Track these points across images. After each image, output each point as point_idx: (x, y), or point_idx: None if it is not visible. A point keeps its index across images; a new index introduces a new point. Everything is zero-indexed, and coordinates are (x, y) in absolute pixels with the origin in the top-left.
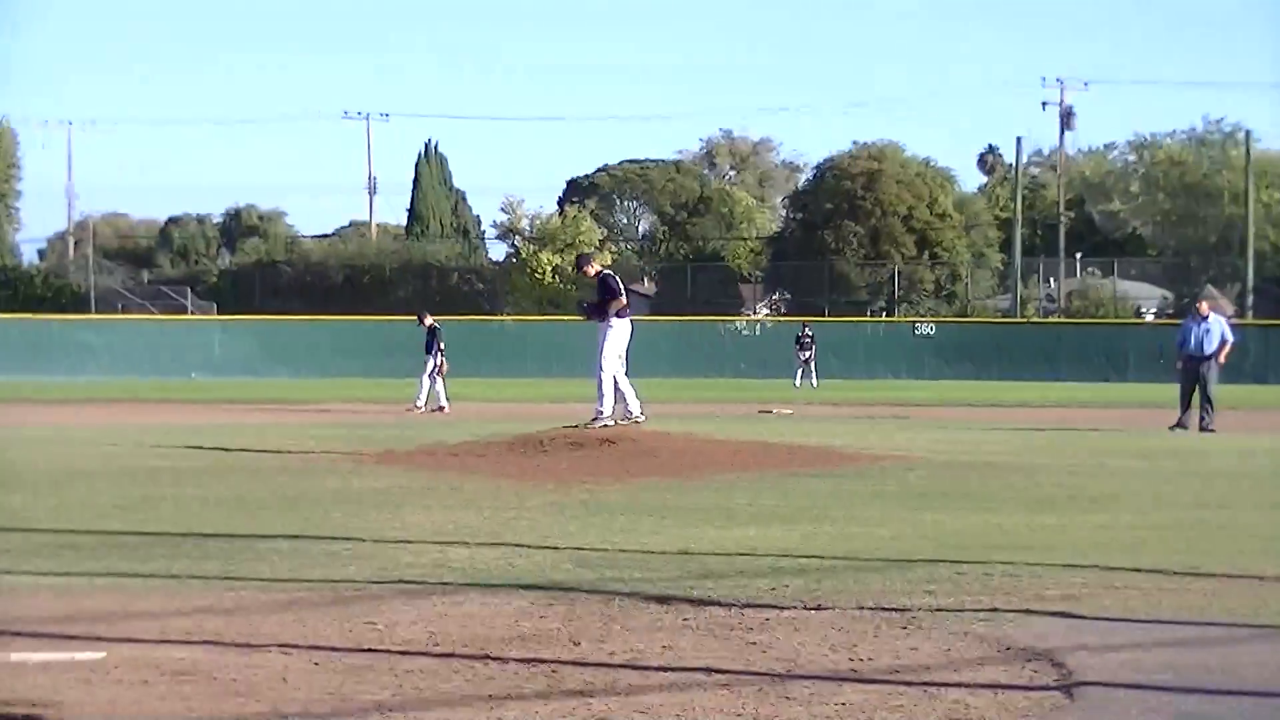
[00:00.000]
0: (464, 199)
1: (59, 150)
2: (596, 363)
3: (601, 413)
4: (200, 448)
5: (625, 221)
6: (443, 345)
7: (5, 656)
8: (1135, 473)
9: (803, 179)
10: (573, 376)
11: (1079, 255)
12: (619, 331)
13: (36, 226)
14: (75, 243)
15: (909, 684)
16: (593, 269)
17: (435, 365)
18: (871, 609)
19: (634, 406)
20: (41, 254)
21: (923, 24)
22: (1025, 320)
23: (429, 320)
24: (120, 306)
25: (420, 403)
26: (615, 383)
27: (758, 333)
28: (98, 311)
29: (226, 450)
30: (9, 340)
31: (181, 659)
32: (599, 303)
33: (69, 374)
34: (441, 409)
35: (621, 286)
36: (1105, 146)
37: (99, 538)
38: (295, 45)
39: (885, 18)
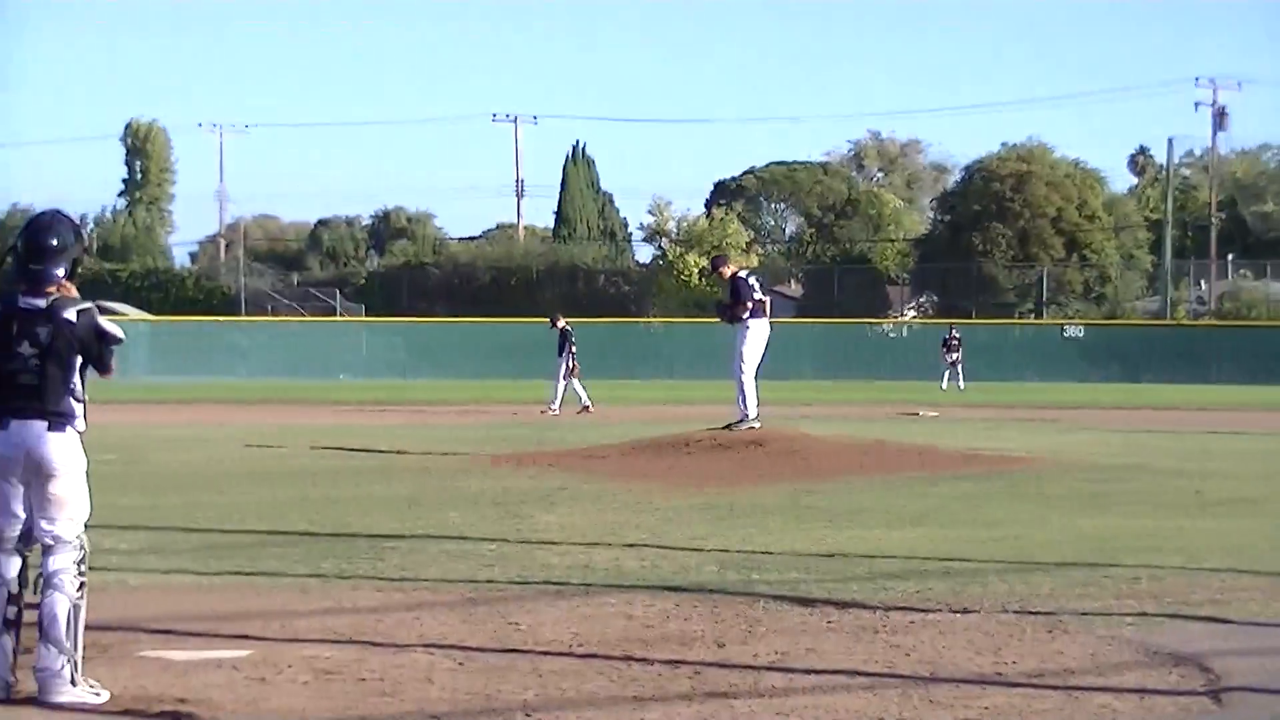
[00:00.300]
0: (611, 201)
1: (211, 154)
2: (734, 365)
3: (747, 414)
4: (350, 449)
5: (772, 223)
6: (574, 348)
7: (154, 653)
8: None
9: (951, 180)
10: (719, 378)
11: (1230, 257)
12: (756, 333)
13: (189, 229)
14: (226, 245)
15: (1053, 688)
16: (728, 270)
17: (567, 367)
18: (1017, 612)
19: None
20: (193, 256)
21: (1073, 24)
22: (1175, 323)
23: (561, 322)
24: (270, 308)
25: (555, 406)
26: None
27: (904, 335)
28: (248, 313)
29: (374, 452)
30: (161, 342)
31: (327, 658)
32: (729, 305)
33: (219, 375)
34: (586, 409)
35: (753, 290)
36: (1259, 147)
37: (254, 537)
38: (444, 48)
39: (1036, 18)
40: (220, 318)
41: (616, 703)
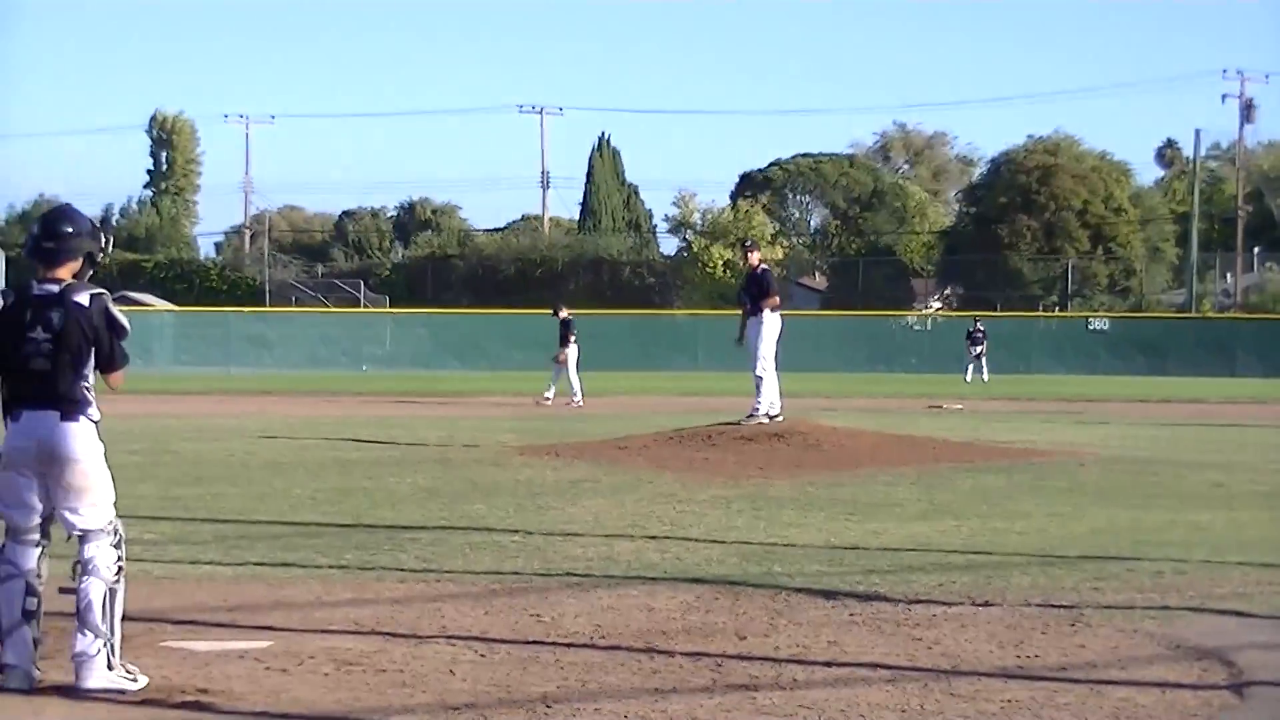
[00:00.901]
0: (636, 193)
1: (236, 145)
2: (753, 358)
3: (758, 408)
4: (374, 441)
5: (797, 215)
6: (573, 336)
7: (177, 644)
8: None
9: (977, 173)
10: (744, 370)
11: (1256, 250)
12: (771, 326)
13: (214, 220)
14: (251, 236)
15: (1076, 681)
16: (756, 257)
17: (576, 356)
18: (1039, 605)
19: (776, 403)
20: (218, 247)
21: (1101, 16)
22: (1201, 315)
23: (563, 313)
24: (294, 300)
25: (578, 398)
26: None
27: (929, 327)
28: (272, 304)
29: (398, 443)
30: (186, 333)
31: (348, 649)
32: (752, 295)
33: (244, 366)
34: (544, 401)
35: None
36: None
37: (277, 528)
38: (470, 39)
39: (1063, 10)
40: (245, 309)
41: (638, 694)
